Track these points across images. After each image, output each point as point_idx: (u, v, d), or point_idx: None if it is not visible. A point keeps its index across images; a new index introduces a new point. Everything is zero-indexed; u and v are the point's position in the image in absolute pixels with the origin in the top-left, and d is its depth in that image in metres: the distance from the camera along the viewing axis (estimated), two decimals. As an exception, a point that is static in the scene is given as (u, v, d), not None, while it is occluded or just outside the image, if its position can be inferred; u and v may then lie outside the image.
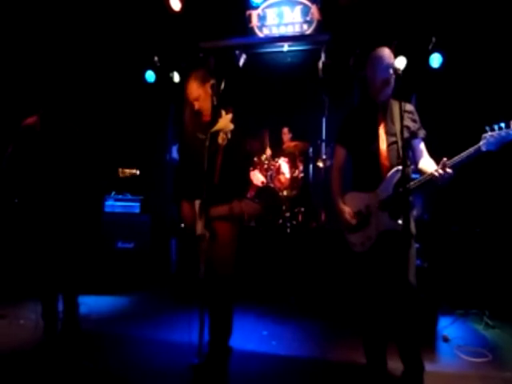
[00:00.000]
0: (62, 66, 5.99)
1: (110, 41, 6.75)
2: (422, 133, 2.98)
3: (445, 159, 2.64)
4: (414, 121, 2.96)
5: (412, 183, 2.76)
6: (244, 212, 2.89)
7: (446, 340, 3.93)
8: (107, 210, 6.25)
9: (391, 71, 2.80)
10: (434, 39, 5.93)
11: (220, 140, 2.84)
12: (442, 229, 5.26)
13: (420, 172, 2.90)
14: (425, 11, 5.91)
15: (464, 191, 5.19)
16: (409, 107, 2.96)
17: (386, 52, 2.89)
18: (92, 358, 3.48)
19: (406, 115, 2.88)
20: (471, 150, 2.59)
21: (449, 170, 2.62)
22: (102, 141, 5.03)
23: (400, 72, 2.73)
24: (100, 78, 6.78)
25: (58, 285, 3.77)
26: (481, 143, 2.57)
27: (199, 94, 3.08)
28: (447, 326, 4.25)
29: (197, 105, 3.09)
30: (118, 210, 6.25)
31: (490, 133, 2.57)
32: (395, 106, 2.91)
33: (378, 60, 2.88)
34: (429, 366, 2.86)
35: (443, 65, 5.97)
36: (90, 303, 4.81)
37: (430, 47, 5.98)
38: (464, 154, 2.61)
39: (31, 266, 3.84)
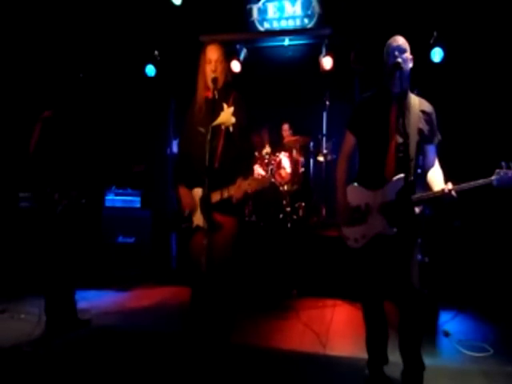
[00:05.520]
0: (68, 62, 6.04)
1: (109, 35, 6.73)
2: (436, 139, 2.85)
3: (450, 185, 2.58)
4: (429, 124, 2.81)
5: (415, 196, 2.68)
6: (252, 189, 2.76)
7: (446, 335, 3.92)
8: (108, 204, 6.25)
9: (404, 58, 2.71)
10: (435, 33, 5.92)
11: (223, 124, 2.83)
12: (443, 224, 5.25)
13: (428, 183, 2.80)
14: (426, 5, 5.90)
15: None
16: (427, 108, 2.83)
17: (400, 39, 2.79)
18: (92, 352, 3.49)
19: (422, 116, 2.78)
20: (481, 181, 2.50)
21: (454, 194, 2.55)
22: (103, 136, 5.05)
23: (402, 66, 2.66)
24: (100, 72, 6.76)
25: (59, 279, 3.82)
26: (493, 178, 2.47)
27: (220, 58, 2.99)
28: (448, 321, 4.24)
29: (213, 67, 2.96)
30: (118, 204, 6.25)
31: (504, 170, 2.46)
32: (414, 104, 2.78)
33: (391, 46, 2.77)
34: (430, 361, 2.86)
35: (444, 59, 5.97)
36: (90, 297, 4.82)
37: (432, 41, 5.98)
38: (473, 184, 2.52)
39: (36, 260, 3.90)
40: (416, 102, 2.80)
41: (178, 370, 3.06)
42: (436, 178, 2.78)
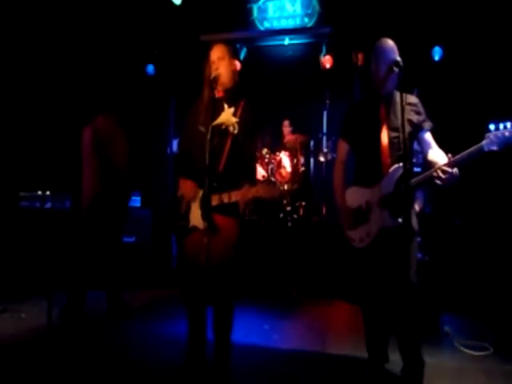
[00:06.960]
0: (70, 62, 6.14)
1: (110, 34, 6.73)
2: (427, 125, 2.89)
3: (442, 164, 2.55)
4: (417, 113, 2.87)
5: (413, 180, 2.67)
6: (260, 196, 2.68)
7: (447, 334, 3.92)
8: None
9: (394, 63, 2.72)
10: (435, 33, 5.93)
11: (231, 128, 2.82)
12: (443, 222, 5.25)
13: (429, 164, 2.76)
14: (426, 4, 5.91)
15: (466, 183, 5.18)
16: (412, 99, 2.90)
17: (389, 43, 2.85)
18: (92, 351, 3.50)
19: (408, 108, 2.81)
20: (472, 149, 2.48)
21: (450, 170, 2.49)
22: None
23: (401, 64, 2.67)
24: (101, 71, 6.77)
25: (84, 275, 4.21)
26: (483, 142, 2.44)
27: (221, 55, 2.96)
28: (448, 320, 4.24)
29: (216, 66, 2.92)
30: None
31: (493, 132, 2.44)
32: (398, 99, 2.76)
33: (381, 51, 2.83)
34: (430, 360, 2.85)
35: (443, 58, 5.97)
36: (91, 297, 4.82)
37: (431, 40, 5.98)
38: (465, 153, 2.49)
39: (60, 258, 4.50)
40: (400, 97, 2.79)
41: (177, 370, 3.06)
42: (437, 156, 2.75)
